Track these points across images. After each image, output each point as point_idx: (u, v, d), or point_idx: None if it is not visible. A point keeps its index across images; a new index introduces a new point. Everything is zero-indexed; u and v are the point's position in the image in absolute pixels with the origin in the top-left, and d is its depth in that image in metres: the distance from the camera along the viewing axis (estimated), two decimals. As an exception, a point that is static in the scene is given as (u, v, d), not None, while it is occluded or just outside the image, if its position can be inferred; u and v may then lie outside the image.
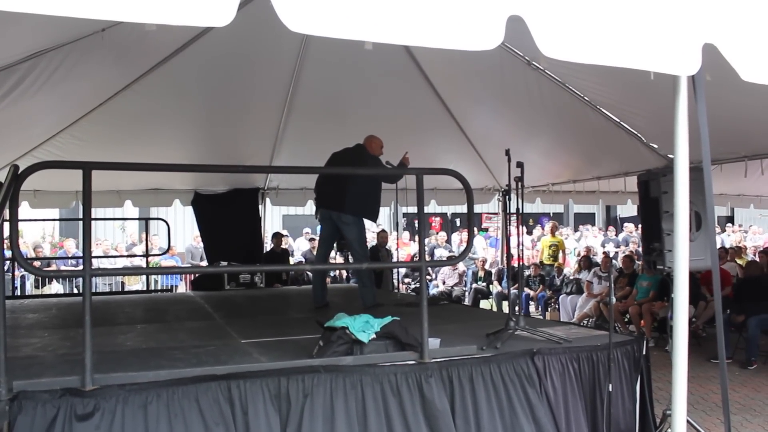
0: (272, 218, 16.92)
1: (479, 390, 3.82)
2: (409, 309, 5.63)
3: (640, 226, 7.27)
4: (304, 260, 12.91)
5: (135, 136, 8.17)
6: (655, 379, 4.81)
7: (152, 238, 13.64)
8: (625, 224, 17.80)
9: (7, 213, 3.06)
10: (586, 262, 11.36)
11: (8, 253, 6.48)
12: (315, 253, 13.15)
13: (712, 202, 3.05)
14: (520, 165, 5.03)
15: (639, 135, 7.85)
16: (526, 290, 11.30)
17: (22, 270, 9.78)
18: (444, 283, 12.40)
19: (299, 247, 14.82)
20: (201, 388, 3.26)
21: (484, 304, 11.98)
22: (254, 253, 10.51)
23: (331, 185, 6.30)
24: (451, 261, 11.42)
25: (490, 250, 14.68)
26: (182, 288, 12.67)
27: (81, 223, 3.36)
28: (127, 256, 13.11)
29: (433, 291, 11.87)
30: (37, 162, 3.28)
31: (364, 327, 3.82)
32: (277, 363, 3.64)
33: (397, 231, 10.88)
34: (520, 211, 5.28)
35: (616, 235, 17.80)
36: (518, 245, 5.64)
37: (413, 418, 3.62)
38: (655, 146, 7.90)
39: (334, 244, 7.05)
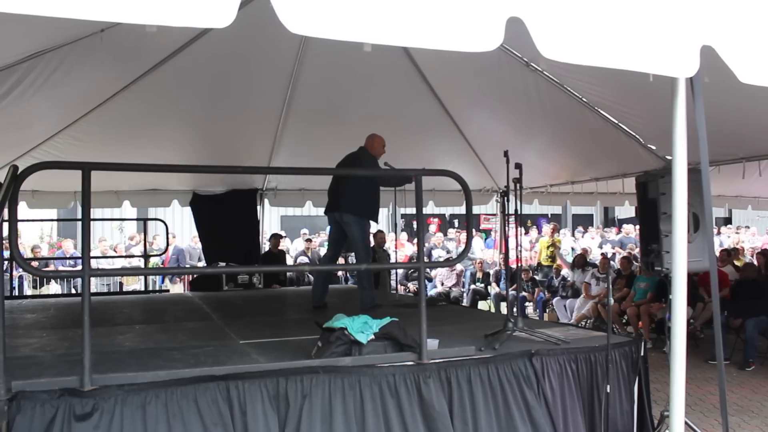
0: (270, 219, 16.93)
1: (477, 391, 3.83)
2: (407, 310, 5.64)
3: (638, 227, 7.28)
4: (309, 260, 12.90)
5: (134, 137, 8.17)
6: (653, 381, 4.81)
7: (154, 239, 13.64)
8: (623, 225, 17.82)
9: (6, 213, 3.07)
10: (581, 260, 11.31)
11: (7, 254, 6.49)
12: (308, 253, 13.28)
13: (710, 203, 3.05)
14: (518, 166, 5.04)
15: (637, 136, 7.86)
16: (522, 292, 11.29)
17: (21, 270, 9.77)
18: (442, 284, 12.40)
19: (296, 248, 14.82)
20: (199, 388, 3.27)
21: (482, 305, 11.99)
22: (252, 253, 10.51)
23: (335, 188, 6.42)
24: (450, 262, 11.42)
25: (487, 251, 14.68)
26: (177, 287, 12.66)
27: (79, 223, 3.36)
28: (126, 256, 13.10)
29: (431, 292, 11.87)
30: (36, 162, 3.29)
31: (362, 328, 3.83)
32: (276, 364, 3.64)
33: (396, 232, 10.88)
34: (519, 213, 5.29)
35: (617, 234, 17.82)
36: (516, 246, 5.65)
37: (411, 419, 3.62)
38: (653, 147, 7.91)
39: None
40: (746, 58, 2.74)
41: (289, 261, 12.79)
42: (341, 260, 11.15)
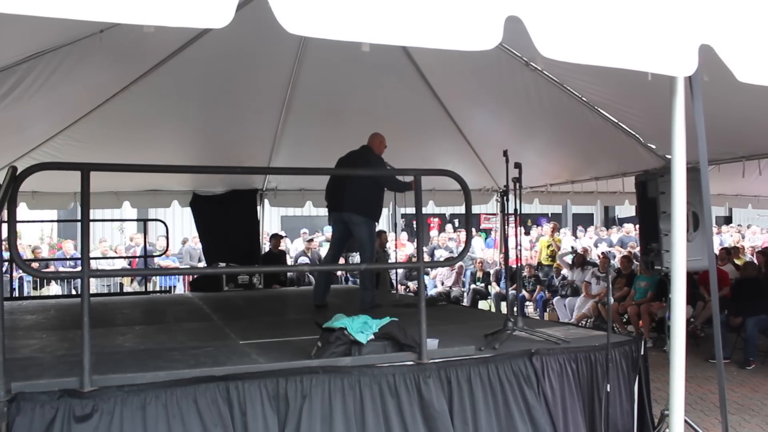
0: (270, 219, 16.93)
1: (477, 391, 3.83)
2: (407, 310, 5.64)
3: (638, 226, 7.29)
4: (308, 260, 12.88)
5: (133, 138, 8.16)
6: (653, 380, 4.81)
7: (157, 239, 13.62)
8: (624, 224, 17.83)
9: (5, 214, 3.07)
10: (580, 259, 11.31)
11: (6, 255, 6.48)
12: (308, 253, 13.27)
13: (709, 202, 3.05)
14: (518, 166, 5.04)
15: (637, 135, 7.85)
16: (523, 291, 11.28)
17: (21, 271, 9.78)
18: (442, 283, 12.39)
19: (296, 248, 14.81)
20: (199, 389, 3.27)
21: (483, 304, 11.98)
22: (252, 254, 10.50)
23: (340, 188, 6.30)
24: (449, 262, 11.41)
25: (488, 250, 14.67)
26: (180, 288, 12.65)
27: (79, 224, 3.37)
28: (126, 257, 13.10)
29: (431, 292, 11.87)
30: (35, 163, 3.29)
31: (362, 328, 3.83)
32: (276, 364, 3.65)
33: (396, 232, 10.87)
34: (518, 212, 5.29)
35: (617, 233, 17.83)
36: (516, 246, 5.65)
37: (411, 418, 3.62)
38: (653, 146, 7.91)
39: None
40: (744, 57, 2.74)
41: (290, 261, 12.80)
42: (341, 260, 11.15)
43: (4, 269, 8.65)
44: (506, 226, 5.84)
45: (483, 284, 12.37)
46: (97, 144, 7.99)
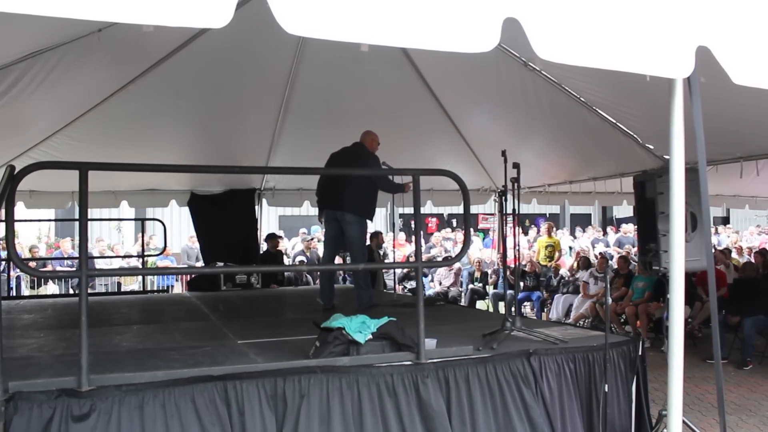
0: (269, 219, 16.92)
1: (475, 391, 3.83)
2: (405, 309, 5.64)
3: (636, 226, 7.31)
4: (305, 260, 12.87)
5: (131, 137, 8.15)
6: (651, 380, 4.82)
7: (153, 239, 13.61)
8: (622, 225, 17.85)
9: (3, 213, 3.06)
10: (585, 261, 11.34)
11: (4, 254, 6.48)
12: (307, 253, 13.26)
13: (708, 202, 3.06)
14: (516, 166, 5.05)
15: (635, 136, 7.87)
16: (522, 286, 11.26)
17: (18, 270, 9.77)
18: (440, 283, 12.39)
19: (294, 247, 14.80)
20: (197, 388, 3.27)
21: (481, 304, 11.98)
22: (250, 253, 10.50)
23: (334, 186, 6.23)
24: (447, 262, 11.41)
25: (485, 250, 14.68)
26: (177, 288, 12.64)
27: (77, 223, 3.36)
28: (123, 256, 13.09)
29: (429, 292, 11.86)
30: (33, 162, 3.28)
31: (360, 328, 3.83)
32: (274, 363, 3.64)
33: (394, 232, 10.87)
34: (517, 212, 5.29)
35: (604, 235, 17.89)
36: (514, 246, 5.65)
37: (409, 418, 3.62)
38: (651, 147, 7.92)
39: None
40: (740, 60, 2.75)
41: (288, 261, 12.78)
42: (338, 260, 11.14)
43: (1, 268, 8.64)
44: (504, 226, 5.85)
45: (481, 284, 12.37)
46: (95, 143, 7.98)
